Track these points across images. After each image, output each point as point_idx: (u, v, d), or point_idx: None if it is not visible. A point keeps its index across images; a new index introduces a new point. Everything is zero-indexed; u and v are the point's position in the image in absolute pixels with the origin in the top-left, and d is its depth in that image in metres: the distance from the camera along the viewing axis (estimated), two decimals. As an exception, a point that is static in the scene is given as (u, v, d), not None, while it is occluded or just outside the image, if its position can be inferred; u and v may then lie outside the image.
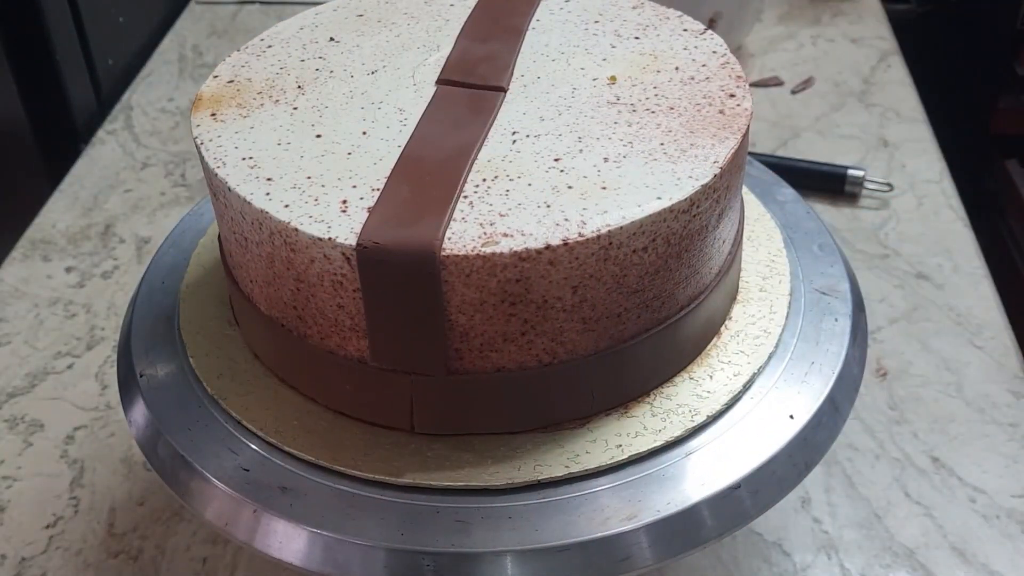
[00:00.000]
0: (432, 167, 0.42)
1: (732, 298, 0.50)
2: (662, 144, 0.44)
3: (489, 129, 0.45)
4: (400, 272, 0.39)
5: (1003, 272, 0.82)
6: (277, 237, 0.41)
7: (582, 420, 0.44)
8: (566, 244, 0.39)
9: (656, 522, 0.41)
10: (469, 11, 0.53)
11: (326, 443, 0.44)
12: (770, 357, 0.47)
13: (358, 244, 0.39)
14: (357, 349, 0.43)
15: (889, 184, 0.84)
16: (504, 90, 0.47)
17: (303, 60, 0.51)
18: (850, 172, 0.84)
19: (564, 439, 0.44)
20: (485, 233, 0.39)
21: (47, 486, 0.63)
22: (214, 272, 0.53)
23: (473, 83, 0.47)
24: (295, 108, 0.47)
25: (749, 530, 0.59)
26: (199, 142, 0.45)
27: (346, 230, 0.40)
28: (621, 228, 0.40)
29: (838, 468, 0.63)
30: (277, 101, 0.48)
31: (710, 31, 0.51)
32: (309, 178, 0.43)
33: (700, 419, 0.44)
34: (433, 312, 0.40)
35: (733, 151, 0.43)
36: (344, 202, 0.41)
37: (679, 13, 0.53)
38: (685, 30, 0.51)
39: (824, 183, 0.85)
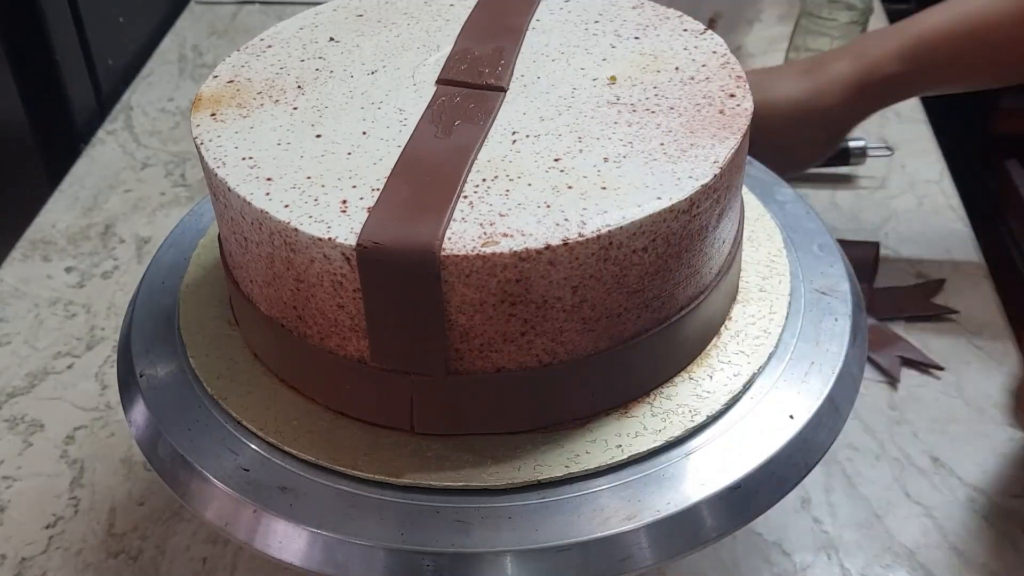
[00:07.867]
0: (432, 167, 0.42)
1: (732, 298, 0.50)
2: (662, 144, 0.44)
3: (489, 129, 0.45)
4: (400, 272, 0.39)
5: (1003, 272, 0.81)
6: (277, 237, 0.41)
7: (582, 420, 0.44)
8: (566, 244, 0.39)
9: (656, 522, 0.41)
10: (469, 11, 0.53)
11: (326, 443, 0.44)
12: (770, 357, 0.47)
13: (358, 244, 0.39)
14: (357, 349, 0.43)
15: (889, 148, 0.86)
16: (504, 90, 0.47)
17: (303, 60, 0.51)
18: (851, 144, 0.85)
19: (564, 439, 0.44)
20: (485, 233, 0.39)
21: (47, 486, 0.63)
22: (214, 272, 0.53)
23: (473, 83, 0.47)
24: (295, 108, 0.47)
25: (749, 530, 0.59)
26: (199, 142, 0.45)
27: (346, 230, 0.40)
28: (621, 228, 0.40)
29: (838, 468, 0.63)
30: (277, 101, 0.48)
31: (710, 31, 0.51)
32: (309, 178, 0.43)
33: (700, 419, 0.44)
34: (433, 312, 0.40)
35: (733, 151, 0.43)
36: (344, 202, 0.41)
37: (679, 13, 0.53)
38: (685, 30, 0.51)
39: (827, 160, 0.85)
